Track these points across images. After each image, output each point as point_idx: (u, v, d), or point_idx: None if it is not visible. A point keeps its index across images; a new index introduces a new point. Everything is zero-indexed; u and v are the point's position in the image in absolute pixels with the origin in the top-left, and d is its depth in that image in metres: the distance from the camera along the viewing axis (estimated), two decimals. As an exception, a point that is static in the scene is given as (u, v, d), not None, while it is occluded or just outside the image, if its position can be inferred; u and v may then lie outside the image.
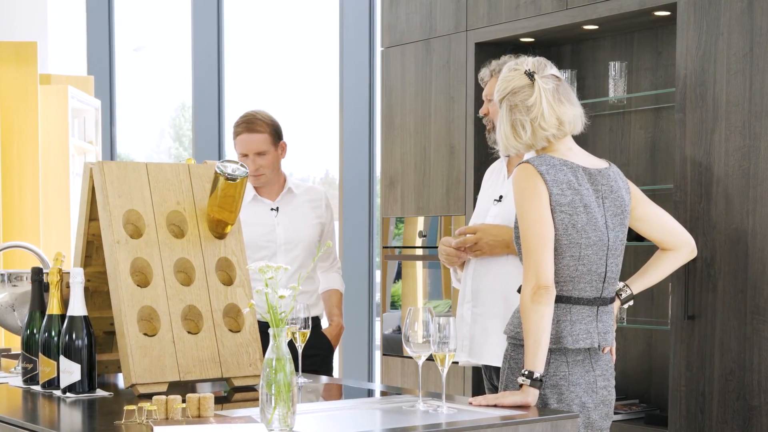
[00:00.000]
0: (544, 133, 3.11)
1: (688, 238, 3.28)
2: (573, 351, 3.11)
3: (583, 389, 3.11)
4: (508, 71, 3.18)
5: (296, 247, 4.34)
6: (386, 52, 5.25)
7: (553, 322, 3.07)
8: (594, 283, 3.11)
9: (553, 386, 3.09)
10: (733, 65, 3.81)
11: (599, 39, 4.72)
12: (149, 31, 9.21)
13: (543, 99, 3.10)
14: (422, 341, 2.83)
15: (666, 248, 3.27)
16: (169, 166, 3.33)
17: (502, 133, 3.17)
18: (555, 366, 3.09)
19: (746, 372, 3.77)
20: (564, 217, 3.05)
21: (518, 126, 3.12)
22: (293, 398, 2.50)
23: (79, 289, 3.10)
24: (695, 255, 3.31)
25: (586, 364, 3.13)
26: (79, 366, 3.08)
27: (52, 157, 6.75)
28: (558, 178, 3.05)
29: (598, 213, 3.10)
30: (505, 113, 3.15)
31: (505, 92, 3.16)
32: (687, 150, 3.94)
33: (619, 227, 3.15)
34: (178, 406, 2.69)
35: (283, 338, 2.52)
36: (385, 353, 5.27)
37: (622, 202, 3.16)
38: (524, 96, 3.12)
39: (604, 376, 3.18)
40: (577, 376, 3.11)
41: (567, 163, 3.09)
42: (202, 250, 3.29)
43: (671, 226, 3.28)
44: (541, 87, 3.11)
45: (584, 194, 3.08)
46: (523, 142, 3.13)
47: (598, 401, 3.15)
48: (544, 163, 3.06)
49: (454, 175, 4.91)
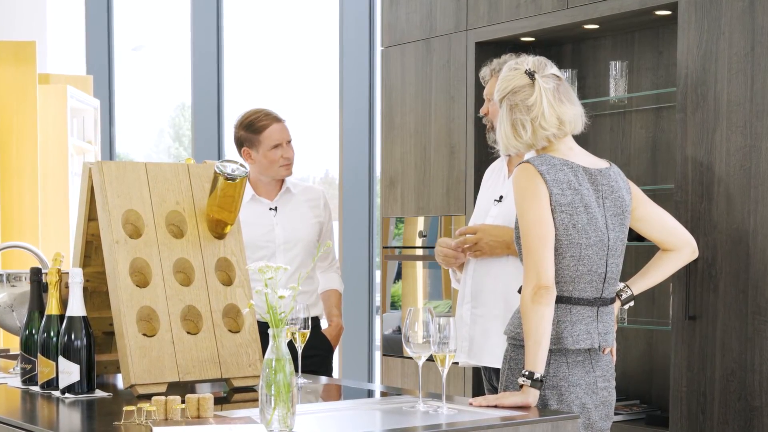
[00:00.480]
0: (544, 132, 3.10)
1: (689, 238, 3.27)
2: (573, 352, 3.10)
3: (584, 390, 3.11)
4: (508, 71, 3.17)
5: (295, 247, 4.33)
6: (386, 51, 5.25)
7: (554, 322, 3.06)
8: (594, 283, 3.11)
9: (553, 387, 3.08)
10: (734, 65, 3.81)
11: (600, 38, 4.71)
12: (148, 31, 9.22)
13: (543, 98, 3.09)
14: (422, 342, 2.83)
15: (667, 249, 3.26)
16: (168, 166, 3.33)
17: (502, 133, 3.16)
18: (555, 367, 3.08)
19: (747, 372, 3.77)
20: (564, 217, 3.04)
21: (518, 125, 3.11)
22: (293, 399, 2.50)
23: (78, 289, 3.10)
24: (696, 255, 3.30)
25: (587, 365, 3.13)
26: (78, 366, 3.08)
27: (51, 157, 6.75)
28: (558, 178, 3.04)
29: (598, 213, 3.09)
30: (506, 113, 3.14)
31: (505, 92, 3.15)
32: (688, 150, 3.94)
33: (619, 227, 3.14)
34: (178, 407, 2.69)
35: (282, 339, 2.52)
36: (385, 354, 5.26)
37: (623, 202, 3.15)
38: (524, 95, 3.11)
39: (605, 376, 3.17)
40: (577, 377, 3.10)
41: (567, 162, 3.08)
42: (202, 251, 3.28)
43: (672, 226, 3.27)
44: (541, 86, 3.10)
45: (584, 194, 3.07)
46: (523, 141, 3.12)
47: (599, 402, 3.15)
48: (544, 162, 3.05)
49: (454, 175, 4.90)
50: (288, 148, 4.30)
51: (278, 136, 4.27)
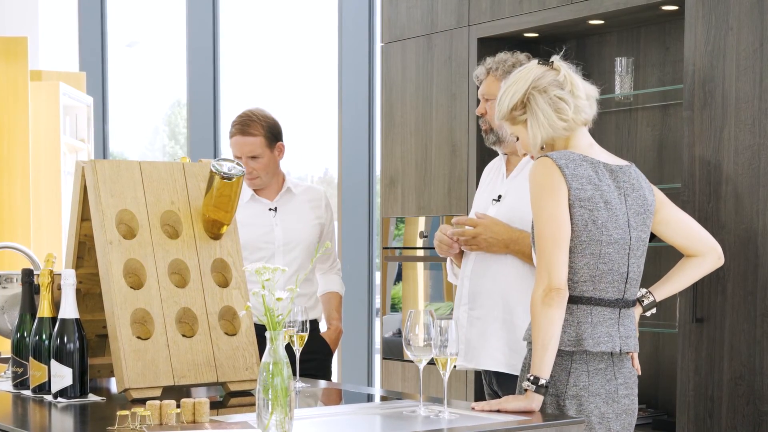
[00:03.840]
0: (581, 106, 3.06)
1: (714, 244, 3.20)
2: (595, 358, 3.05)
3: (603, 399, 3.06)
4: (518, 71, 3.14)
5: (295, 248, 4.33)
6: (386, 47, 5.25)
7: (573, 324, 3.01)
8: (615, 283, 3.06)
9: (573, 397, 3.03)
10: (742, 61, 3.79)
11: (605, 34, 4.71)
12: (143, 26, 9.30)
13: (572, 73, 3.09)
14: (423, 345, 2.83)
15: (690, 254, 3.20)
16: (163, 165, 3.33)
17: (543, 121, 3.07)
18: (575, 376, 3.03)
19: (756, 376, 3.75)
20: (584, 213, 2.99)
21: (560, 104, 3.06)
22: (291, 403, 2.50)
23: (70, 291, 3.10)
24: (722, 263, 3.23)
25: (608, 373, 3.07)
26: (70, 370, 3.08)
27: (43, 155, 6.77)
28: (578, 172, 3.00)
29: (619, 210, 3.05)
30: (539, 101, 3.07)
31: (527, 84, 3.09)
32: (695, 148, 3.92)
33: (641, 227, 3.10)
34: (173, 412, 2.68)
35: (280, 342, 2.51)
36: (385, 357, 5.27)
37: (645, 201, 3.11)
38: (551, 77, 3.08)
39: (627, 384, 3.12)
40: (597, 386, 3.05)
41: (587, 158, 3.05)
42: (197, 251, 3.28)
43: (697, 231, 3.20)
44: (562, 65, 3.09)
45: (605, 190, 3.03)
46: (569, 119, 3.06)
47: (620, 411, 3.09)
48: (563, 157, 3.01)
49: (456, 174, 4.89)
50: (248, 162, 4.26)
51: (236, 149, 4.29)
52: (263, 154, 4.27)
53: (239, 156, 4.26)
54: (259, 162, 4.26)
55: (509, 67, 3.58)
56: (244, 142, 4.25)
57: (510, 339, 3.48)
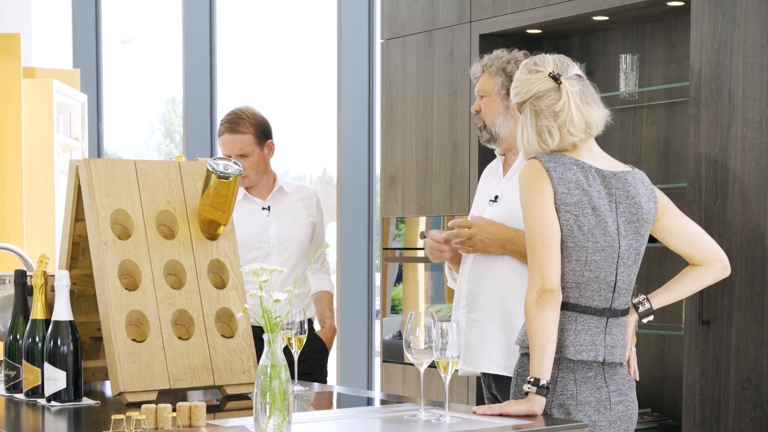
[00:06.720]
0: (571, 138, 3.03)
1: (720, 254, 3.14)
2: (583, 367, 3.01)
3: (594, 408, 3.02)
4: (528, 72, 3.09)
5: (289, 248, 4.34)
6: (386, 44, 5.25)
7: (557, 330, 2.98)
8: (602, 292, 3.02)
9: (560, 405, 3.00)
10: (749, 58, 3.80)
11: (609, 30, 4.71)
12: (138, 22, 9.33)
13: (571, 103, 3.02)
14: (424, 347, 2.82)
15: (695, 263, 3.15)
16: (158, 164, 3.33)
17: (525, 139, 3.08)
18: (562, 385, 3.00)
19: (764, 379, 3.75)
20: (569, 218, 2.96)
21: (545, 132, 3.03)
22: (289, 407, 2.50)
23: (64, 292, 3.09)
24: (728, 273, 3.18)
25: (599, 381, 3.04)
26: (64, 373, 3.07)
27: (36, 154, 6.78)
28: (566, 176, 2.97)
29: (609, 217, 3.01)
30: (530, 119, 3.06)
31: (527, 95, 3.06)
32: (701, 147, 3.92)
33: (633, 235, 3.05)
34: (169, 416, 2.67)
35: (278, 344, 2.51)
36: (386, 360, 5.28)
37: (639, 209, 3.06)
38: (551, 101, 3.03)
39: (620, 391, 3.08)
40: (586, 395, 3.02)
41: (578, 162, 3.02)
42: (194, 252, 3.27)
43: (702, 239, 3.15)
44: (568, 91, 3.02)
45: (594, 196, 2.99)
46: (549, 148, 3.05)
47: (614, 418, 3.06)
48: (552, 160, 2.99)
49: (457, 173, 4.89)
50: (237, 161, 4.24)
51: (225, 148, 4.32)
52: (253, 152, 4.29)
53: (229, 154, 4.28)
54: (248, 160, 4.28)
55: (504, 63, 3.59)
56: (233, 140, 4.27)
57: (508, 341, 3.48)
